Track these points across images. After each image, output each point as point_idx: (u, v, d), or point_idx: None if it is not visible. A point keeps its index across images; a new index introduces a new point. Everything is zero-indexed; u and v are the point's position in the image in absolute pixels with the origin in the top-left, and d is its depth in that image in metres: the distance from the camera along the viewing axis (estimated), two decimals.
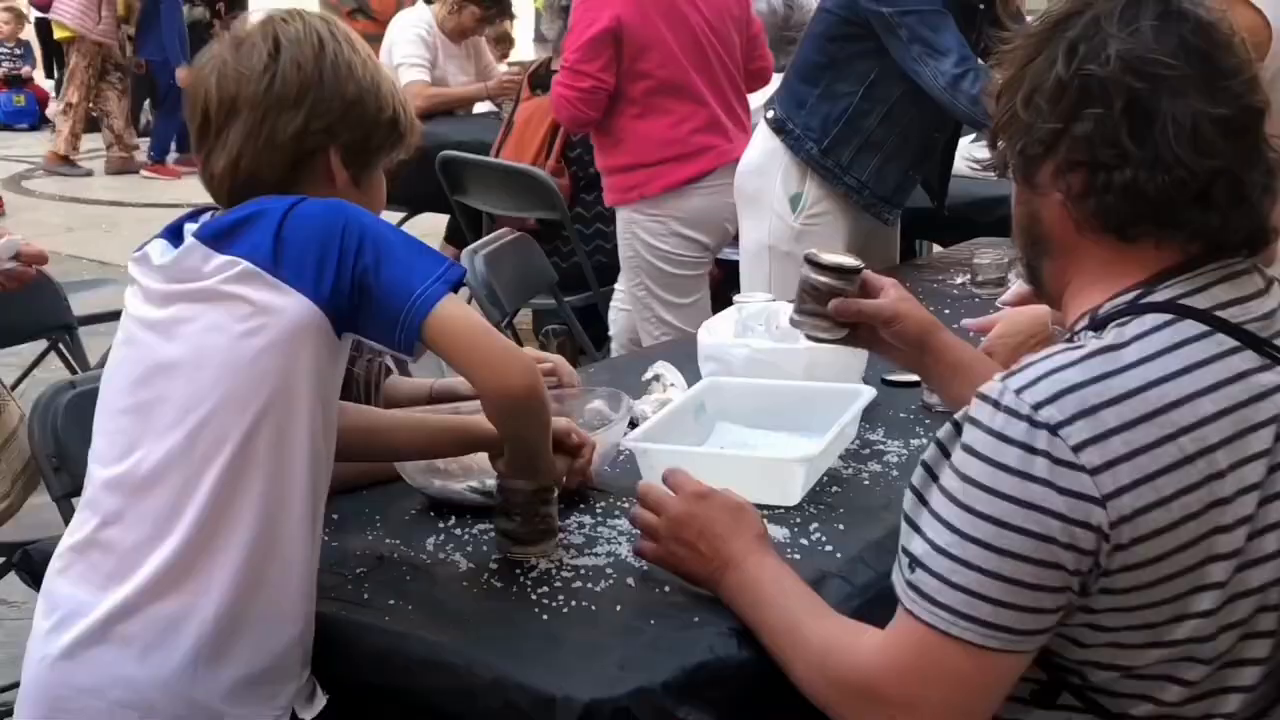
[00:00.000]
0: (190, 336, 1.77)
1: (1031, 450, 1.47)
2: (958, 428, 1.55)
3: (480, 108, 7.51)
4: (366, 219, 1.79)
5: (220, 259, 1.76)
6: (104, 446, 1.84)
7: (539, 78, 5.66)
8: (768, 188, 3.96)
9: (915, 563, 1.54)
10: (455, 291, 1.78)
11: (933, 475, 1.55)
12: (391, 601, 1.89)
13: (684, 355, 3.00)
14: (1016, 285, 2.68)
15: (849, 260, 2.13)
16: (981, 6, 3.83)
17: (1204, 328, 1.54)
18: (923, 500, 1.55)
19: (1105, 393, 1.48)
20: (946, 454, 1.55)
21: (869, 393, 2.46)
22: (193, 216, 1.88)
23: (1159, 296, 1.56)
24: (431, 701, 1.77)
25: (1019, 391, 1.50)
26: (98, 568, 1.79)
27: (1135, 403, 1.48)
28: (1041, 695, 1.60)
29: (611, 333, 5.01)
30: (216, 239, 1.78)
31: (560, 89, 4.52)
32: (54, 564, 1.85)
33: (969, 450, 1.51)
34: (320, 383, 1.79)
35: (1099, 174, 1.54)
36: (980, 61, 3.65)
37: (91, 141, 11.86)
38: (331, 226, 1.76)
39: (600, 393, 2.48)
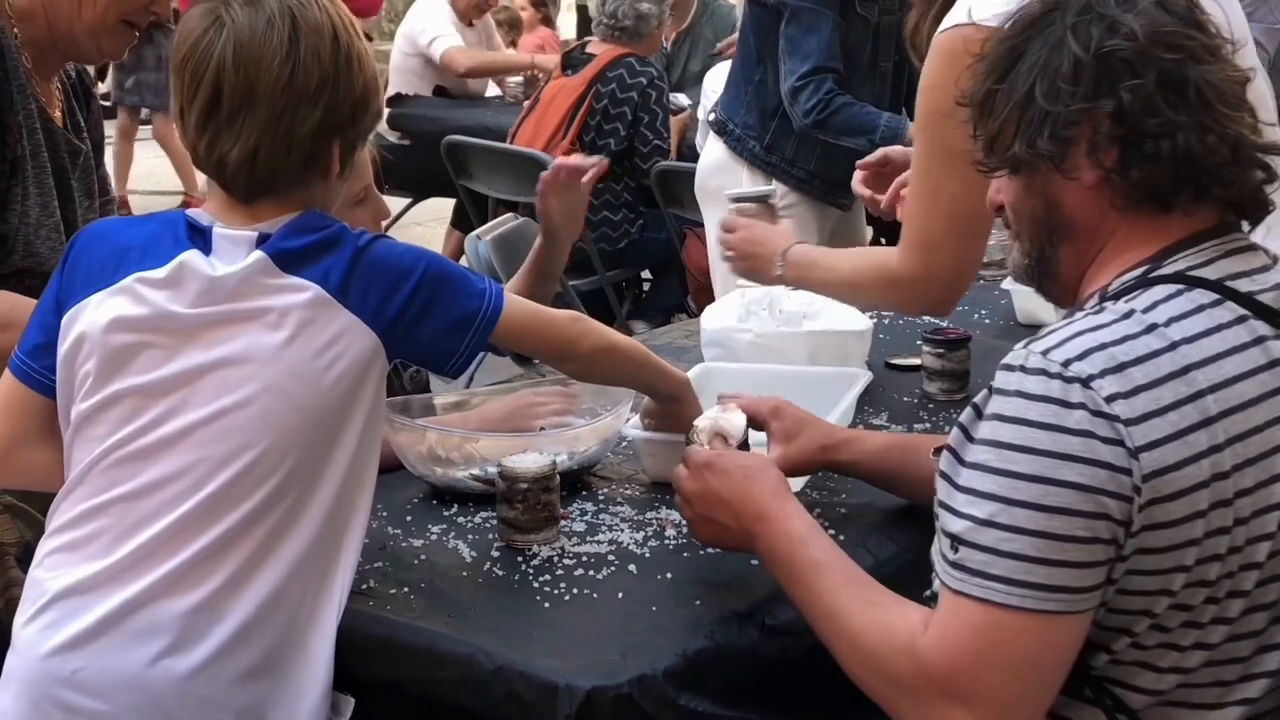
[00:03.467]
0: (236, 357, 1.76)
1: (1065, 404, 1.47)
2: (978, 410, 1.54)
3: (490, 92, 7.57)
4: (440, 264, 1.86)
5: (292, 280, 1.77)
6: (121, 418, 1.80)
7: (572, 59, 5.70)
8: (734, 183, 3.84)
9: (958, 541, 1.50)
10: None
11: (959, 457, 1.54)
12: (393, 591, 1.89)
13: (687, 340, 3.01)
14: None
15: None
16: (873, 20, 3.75)
17: (1215, 296, 1.56)
18: (953, 483, 1.53)
19: (1131, 351, 1.50)
20: (970, 435, 1.53)
21: (865, 376, 2.45)
22: (199, 225, 1.82)
23: (1167, 270, 1.58)
24: (433, 691, 1.77)
25: (1045, 353, 1.50)
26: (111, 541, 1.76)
27: (1161, 361, 1.50)
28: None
29: None
30: (287, 260, 1.78)
31: None
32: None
33: (998, 418, 1.50)
34: (373, 406, 1.82)
35: (1145, 145, 1.57)
36: (833, 77, 3.61)
37: None
38: (408, 264, 1.81)
39: None
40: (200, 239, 1.81)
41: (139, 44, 2.43)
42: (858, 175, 2.79)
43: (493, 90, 7.66)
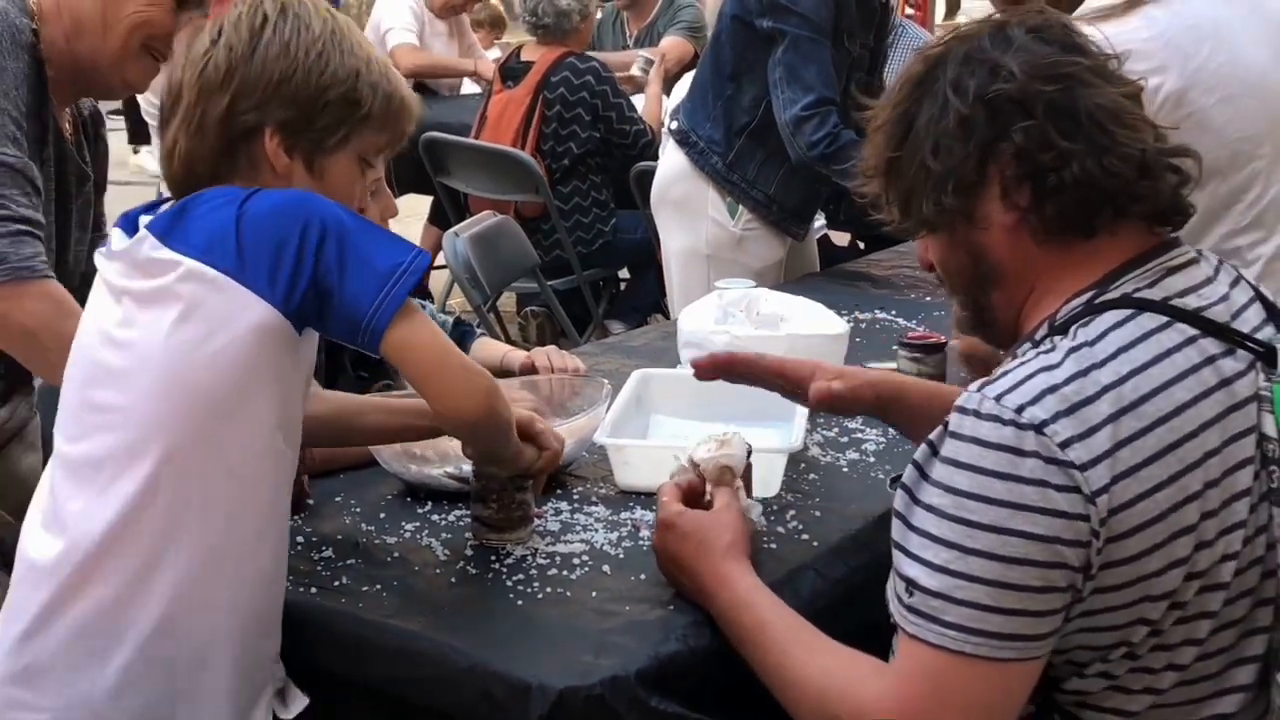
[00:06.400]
0: (138, 341, 1.71)
1: (1019, 453, 1.46)
2: (933, 447, 1.54)
3: (466, 89, 7.53)
4: (328, 211, 1.71)
5: (170, 255, 1.70)
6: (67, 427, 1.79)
7: (510, 70, 5.64)
8: (699, 194, 3.84)
9: (913, 586, 1.51)
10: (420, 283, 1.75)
11: (914, 497, 1.54)
12: (365, 588, 1.88)
13: (663, 342, 3.00)
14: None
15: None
16: (854, 54, 3.74)
17: (1163, 319, 1.55)
18: (908, 524, 1.53)
19: (1083, 390, 1.49)
20: (925, 475, 1.53)
21: None
22: (151, 207, 1.82)
23: (1113, 294, 1.58)
24: (405, 690, 1.76)
25: (998, 398, 1.50)
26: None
27: (1112, 397, 1.49)
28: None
29: None
30: (168, 233, 1.73)
31: None
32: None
33: (953, 463, 1.50)
34: (280, 383, 1.73)
35: (1048, 178, 1.56)
36: (836, 110, 3.59)
37: None
38: (291, 222, 1.69)
39: (581, 380, 2.48)
40: (132, 221, 1.80)
41: None
42: None
43: (473, 88, 7.63)
